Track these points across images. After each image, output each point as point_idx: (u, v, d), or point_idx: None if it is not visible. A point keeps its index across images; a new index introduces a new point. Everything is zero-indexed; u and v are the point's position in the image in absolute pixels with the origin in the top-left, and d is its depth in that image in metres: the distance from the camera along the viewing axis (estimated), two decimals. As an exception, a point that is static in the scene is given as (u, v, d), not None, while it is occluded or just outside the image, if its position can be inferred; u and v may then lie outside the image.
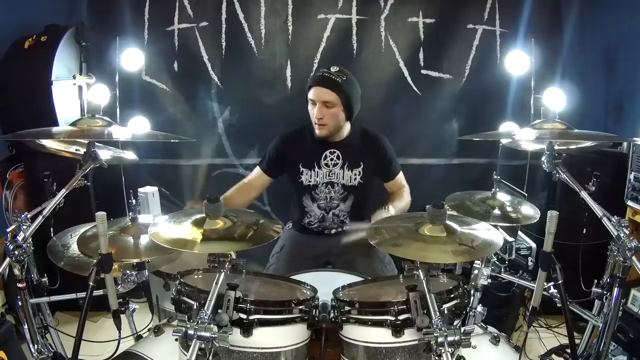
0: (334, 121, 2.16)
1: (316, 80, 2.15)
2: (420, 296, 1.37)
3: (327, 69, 2.16)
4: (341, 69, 2.17)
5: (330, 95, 2.11)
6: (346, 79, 2.15)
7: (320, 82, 2.13)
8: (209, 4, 2.96)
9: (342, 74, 2.15)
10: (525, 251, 2.37)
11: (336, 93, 2.12)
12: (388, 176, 2.39)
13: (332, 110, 2.13)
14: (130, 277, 1.71)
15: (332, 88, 2.11)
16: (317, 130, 2.18)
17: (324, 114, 2.13)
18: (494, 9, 3.02)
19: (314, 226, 2.34)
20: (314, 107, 2.15)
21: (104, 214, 1.38)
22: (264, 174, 2.35)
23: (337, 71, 2.15)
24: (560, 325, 2.61)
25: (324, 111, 2.13)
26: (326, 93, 2.11)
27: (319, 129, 2.17)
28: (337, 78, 2.12)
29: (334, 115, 2.15)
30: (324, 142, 2.26)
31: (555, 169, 1.66)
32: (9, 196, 2.58)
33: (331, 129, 2.18)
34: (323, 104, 2.12)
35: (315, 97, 2.13)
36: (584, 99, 2.88)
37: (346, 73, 2.17)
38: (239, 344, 1.38)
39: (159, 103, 3.04)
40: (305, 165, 2.27)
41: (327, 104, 2.12)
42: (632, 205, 2.35)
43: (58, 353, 1.83)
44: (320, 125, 2.16)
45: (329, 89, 2.11)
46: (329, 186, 2.27)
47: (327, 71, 2.15)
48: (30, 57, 2.62)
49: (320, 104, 2.13)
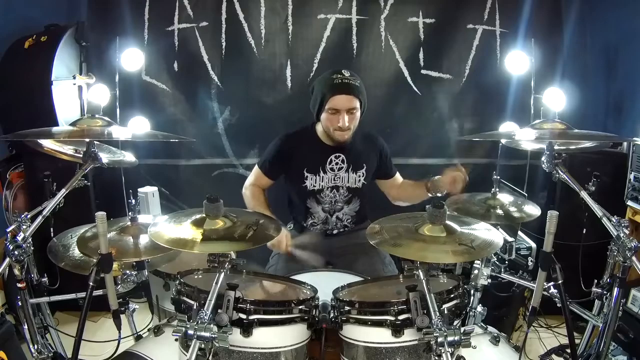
0: (355, 124, 2.12)
1: (336, 88, 2.05)
2: (420, 296, 1.37)
3: (341, 75, 2.07)
4: (352, 72, 2.12)
5: (354, 102, 2.05)
6: (360, 82, 2.10)
7: (344, 90, 2.04)
8: (209, 4, 2.96)
9: (355, 78, 2.10)
10: (525, 251, 2.37)
11: (359, 98, 2.07)
12: (390, 172, 2.39)
13: (355, 116, 2.09)
14: (130, 277, 1.71)
15: (355, 94, 2.05)
16: (338, 136, 2.12)
17: (350, 120, 2.06)
18: (494, 9, 3.02)
19: (316, 227, 2.34)
20: (337, 115, 2.06)
21: (104, 214, 1.37)
22: (264, 176, 2.29)
23: (350, 75, 2.08)
24: (560, 325, 2.60)
25: (350, 118, 2.06)
26: (352, 100, 2.05)
27: (342, 135, 2.11)
28: (355, 82, 2.07)
29: (356, 120, 2.11)
30: (329, 147, 2.22)
31: (555, 169, 1.66)
32: (9, 196, 2.58)
33: (352, 133, 2.14)
34: (348, 112, 2.05)
35: (341, 106, 2.04)
36: (584, 99, 2.89)
37: (356, 76, 2.13)
38: (239, 344, 1.38)
39: (159, 103, 3.04)
40: (310, 171, 2.22)
41: (352, 110, 2.06)
42: (632, 205, 2.35)
43: (58, 353, 1.83)
44: (343, 132, 2.10)
45: (352, 96, 2.05)
46: (334, 190, 2.27)
47: (344, 77, 2.06)
48: (30, 57, 2.62)
49: (344, 112, 2.05)
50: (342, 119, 2.05)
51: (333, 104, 2.05)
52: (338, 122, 2.06)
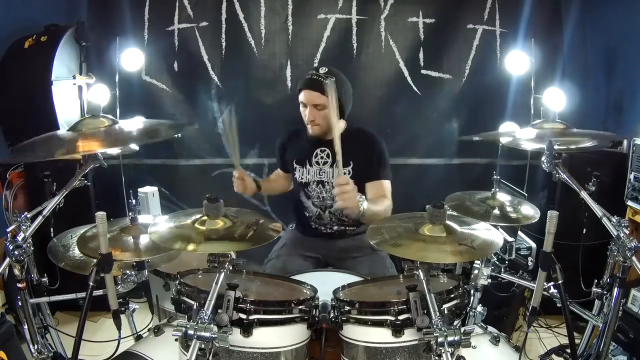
0: (326, 121, 2.16)
1: (305, 83, 2.15)
2: (420, 296, 1.37)
3: (315, 71, 2.14)
4: (330, 70, 2.14)
5: (319, 99, 2.10)
6: (335, 79, 2.07)
7: (309, 85, 2.13)
8: (209, 4, 2.96)
9: (330, 75, 2.11)
10: (525, 251, 2.37)
11: (326, 94, 2.03)
12: (372, 176, 2.18)
13: (323, 112, 2.14)
14: (130, 277, 1.71)
15: (321, 91, 2.08)
16: (309, 129, 2.21)
17: (315, 115, 2.15)
18: (494, 9, 3.02)
19: (312, 222, 2.33)
20: (305, 109, 2.18)
21: (104, 214, 1.37)
22: (280, 170, 2.53)
23: (325, 72, 2.12)
24: (560, 325, 2.60)
25: (314, 113, 2.15)
26: (315, 96, 2.11)
27: (312, 128, 2.21)
28: (325, 80, 2.06)
29: (325, 116, 2.14)
30: (315, 140, 2.26)
31: (555, 169, 1.65)
32: (9, 196, 2.58)
33: (324, 128, 2.19)
34: (313, 107, 2.14)
35: (305, 100, 2.15)
36: (584, 99, 2.89)
37: (335, 73, 2.14)
38: (239, 344, 1.38)
39: (159, 103, 3.05)
40: (298, 162, 2.31)
41: (318, 106, 2.13)
42: (632, 205, 2.35)
43: (58, 353, 1.83)
44: (313, 126, 2.19)
45: (317, 92, 2.10)
46: (320, 185, 2.26)
47: (316, 73, 2.12)
48: (30, 57, 2.63)
49: (310, 107, 2.15)
50: (308, 111, 2.16)
51: (301, 98, 2.18)
52: (306, 115, 2.18)
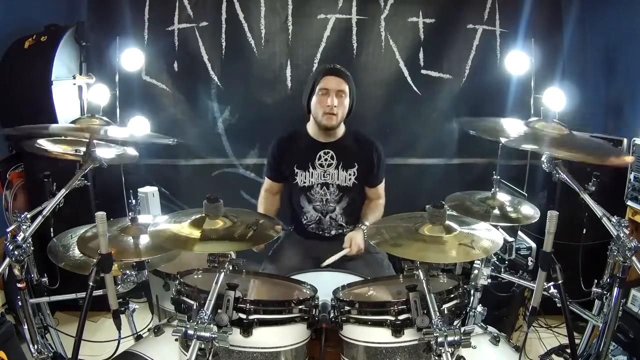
0: (343, 112, 2.22)
1: (330, 70, 2.21)
2: (420, 296, 1.37)
3: (332, 64, 2.25)
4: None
5: (344, 85, 2.19)
6: (350, 75, 2.24)
7: (334, 72, 2.20)
8: (209, 4, 2.96)
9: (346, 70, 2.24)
10: (525, 251, 2.37)
11: (348, 84, 2.20)
12: (374, 182, 2.37)
13: (344, 100, 2.19)
14: (130, 277, 1.71)
15: (345, 79, 2.20)
16: (325, 120, 2.19)
17: (339, 103, 2.18)
18: (494, 9, 3.02)
19: (311, 226, 2.33)
20: (326, 96, 2.17)
21: (104, 214, 1.38)
22: (270, 180, 2.42)
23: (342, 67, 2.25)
24: (560, 325, 2.60)
25: (338, 100, 2.18)
26: (339, 82, 2.18)
27: (329, 118, 2.19)
28: (346, 71, 2.22)
29: (344, 106, 2.21)
30: (318, 143, 2.27)
31: (555, 169, 1.65)
32: (9, 196, 2.58)
33: (339, 120, 2.22)
34: (337, 93, 2.17)
35: (330, 86, 2.17)
36: (584, 99, 2.88)
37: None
38: (239, 344, 1.38)
39: (159, 103, 3.04)
40: (300, 167, 2.28)
41: (342, 93, 2.18)
42: (632, 205, 2.35)
43: (58, 353, 1.83)
44: (331, 115, 2.18)
45: (342, 79, 2.19)
46: (324, 187, 2.27)
47: (335, 65, 2.24)
48: (30, 57, 2.62)
49: (334, 93, 2.17)
50: (330, 98, 2.16)
51: (324, 84, 2.18)
52: (327, 103, 2.16)
